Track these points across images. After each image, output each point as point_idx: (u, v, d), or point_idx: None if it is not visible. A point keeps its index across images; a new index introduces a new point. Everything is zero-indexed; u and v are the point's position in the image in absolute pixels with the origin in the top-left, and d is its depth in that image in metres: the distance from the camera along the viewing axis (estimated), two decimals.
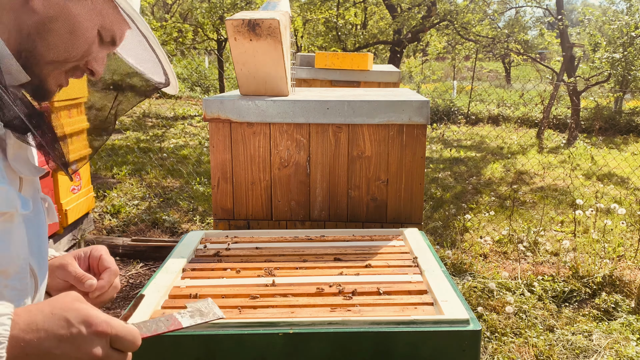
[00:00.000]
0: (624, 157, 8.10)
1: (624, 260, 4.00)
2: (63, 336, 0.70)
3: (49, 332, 0.70)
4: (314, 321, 1.07)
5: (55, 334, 0.70)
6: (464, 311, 1.10)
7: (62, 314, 0.72)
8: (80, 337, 0.71)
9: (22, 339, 0.68)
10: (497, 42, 12.04)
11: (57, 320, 0.71)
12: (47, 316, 0.71)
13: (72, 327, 0.71)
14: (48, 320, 0.71)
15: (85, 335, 0.71)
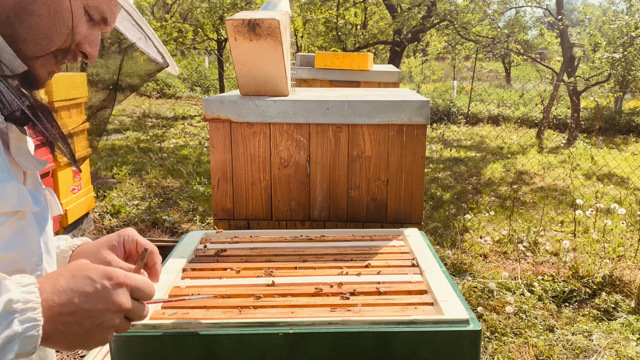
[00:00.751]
0: (624, 157, 8.10)
1: (624, 260, 4.00)
2: (90, 292, 0.74)
3: (75, 291, 0.73)
4: (314, 321, 1.07)
5: (82, 291, 0.73)
6: (464, 311, 1.10)
7: (83, 274, 0.76)
8: (105, 290, 0.75)
9: (53, 301, 0.71)
10: (497, 42, 12.03)
11: (81, 279, 0.75)
12: (70, 278, 0.75)
13: (96, 283, 0.75)
14: (72, 281, 0.74)
15: (109, 287, 0.75)
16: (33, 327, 0.67)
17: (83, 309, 0.73)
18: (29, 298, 0.68)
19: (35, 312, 0.67)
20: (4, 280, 0.67)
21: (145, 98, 13.68)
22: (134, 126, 9.90)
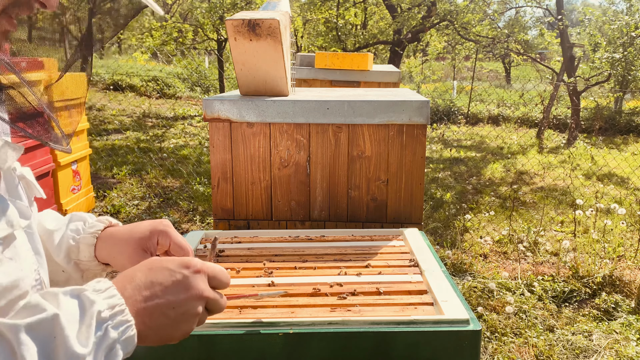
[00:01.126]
0: (624, 157, 8.10)
1: (624, 260, 4.00)
2: (170, 283, 0.74)
3: (156, 283, 0.73)
4: (314, 321, 1.07)
5: (163, 283, 0.73)
6: (464, 311, 1.10)
7: (161, 266, 0.75)
8: (185, 279, 0.75)
9: (136, 298, 0.71)
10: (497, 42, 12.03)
11: (158, 271, 0.74)
12: (147, 272, 0.74)
13: (176, 273, 0.75)
14: (150, 275, 0.74)
15: (188, 276, 0.75)
16: (127, 329, 0.67)
17: (166, 300, 0.72)
18: (113, 302, 0.67)
19: (124, 315, 0.67)
20: (83, 293, 0.66)
21: (145, 98, 13.68)
22: (134, 126, 9.90)
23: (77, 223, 0.99)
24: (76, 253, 0.96)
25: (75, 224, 0.99)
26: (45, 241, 0.97)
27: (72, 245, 0.96)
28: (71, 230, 0.97)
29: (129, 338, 0.67)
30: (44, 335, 0.60)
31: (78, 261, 0.97)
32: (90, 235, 0.97)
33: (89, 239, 0.97)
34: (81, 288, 0.67)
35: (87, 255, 0.96)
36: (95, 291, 0.67)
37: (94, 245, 0.97)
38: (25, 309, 0.62)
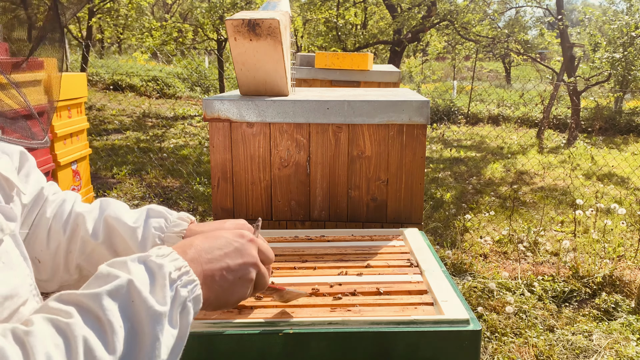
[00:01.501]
0: (624, 157, 8.10)
1: (624, 260, 4.00)
2: (228, 248, 0.79)
3: (215, 247, 0.78)
4: (314, 321, 1.07)
5: (223, 249, 0.79)
6: (464, 311, 1.10)
7: (217, 235, 0.81)
8: (242, 246, 0.81)
9: (199, 260, 0.75)
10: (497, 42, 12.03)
11: (217, 239, 0.80)
12: (205, 239, 0.79)
13: (234, 242, 0.81)
14: (208, 241, 0.79)
15: (245, 243, 0.81)
16: (195, 287, 0.71)
17: (225, 263, 0.77)
18: (179, 264, 0.70)
19: (189, 275, 0.70)
20: (149, 258, 0.69)
21: (145, 98, 13.68)
22: (134, 126, 9.90)
23: (159, 220, 1.01)
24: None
25: (157, 220, 1.01)
26: (128, 238, 0.98)
27: (158, 244, 0.98)
28: (155, 228, 1.00)
29: (197, 297, 0.71)
30: (123, 300, 0.62)
31: None
32: (176, 235, 1.00)
33: (174, 238, 1.00)
34: (146, 255, 0.69)
35: None
36: (159, 256, 0.70)
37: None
38: (97, 279, 0.64)
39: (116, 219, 0.99)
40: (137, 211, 1.03)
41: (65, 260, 0.99)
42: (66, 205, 1.01)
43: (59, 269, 0.99)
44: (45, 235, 0.98)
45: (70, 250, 0.98)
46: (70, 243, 0.99)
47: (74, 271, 1.00)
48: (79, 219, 1.00)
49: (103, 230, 0.99)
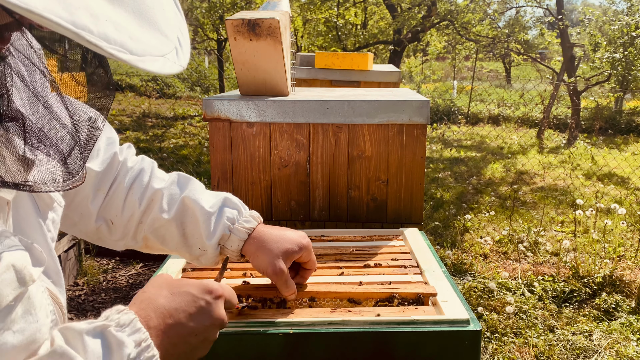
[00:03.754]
0: (624, 157, 8.10)
1: (624, 260, 3.99)
2: (194, 310, 0.74)
3: (179, 310, 0.73)
4: (314, 321, 1.07)
5: (188, 310, 0.73)
6: (464, 311, 1.10)
7: (183, 291, 0.75)
8: (209, 306, 0.76)
9: (160, 328, 0.70)
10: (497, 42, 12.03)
11: (182, 297, 0.74)
12: (170, 297, 0.74)
13: (200, 300, 0.75)
14: (173, 301, 0.73)
15: (211, 302, 0.76)
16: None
17: (189, 328, 0.73)
18: (139, 338, 0.66)
19: (149, 350, 0.66)
20: (107, 330, 0.64)
21: (145, 98, 13.68)
22: (134, 126, 9.90)
23: (232, 211, 1.05)
24: (225, 240, 1.04)
25: (231, 211, 1.05)
26: (201, 222, 1.02)
27: (225, 234, 1.03)
28: (227, 219, 1.04)
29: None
30: None
31: (224, 247, 1.04)
32: (245, 230, 1.04)
33: (243, 233, 1.04)
34: (104, 324, 0.65)
35: (235, 246, 1.04)
36: (119, 327, 0.66)
37: (244, 241, 1.03)
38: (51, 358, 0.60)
39: (194, 200, 1.03)
40: (214, 195, 1.07)
41: (136, 230, 1.05)
42: (144, 177, 1.05)
43: (128, 235, 1.06)
44: (121, 204, 1.03)
45: (142, 222, 1.05)
46: (143, 215, 1.05)
47: (140, 240, 1.07)
48: (156, 195, 1.04)
49: (177, 210, 1.04)
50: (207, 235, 1.03)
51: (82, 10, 0.44)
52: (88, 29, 0.44)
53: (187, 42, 0.59)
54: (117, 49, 0.46)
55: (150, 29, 0.53)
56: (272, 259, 1.02)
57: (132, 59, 0.48)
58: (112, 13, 0.48)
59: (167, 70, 0.53)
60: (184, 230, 1.04)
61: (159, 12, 0.55)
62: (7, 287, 0.58)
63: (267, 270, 1.03)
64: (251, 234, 1.04)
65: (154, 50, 0.52)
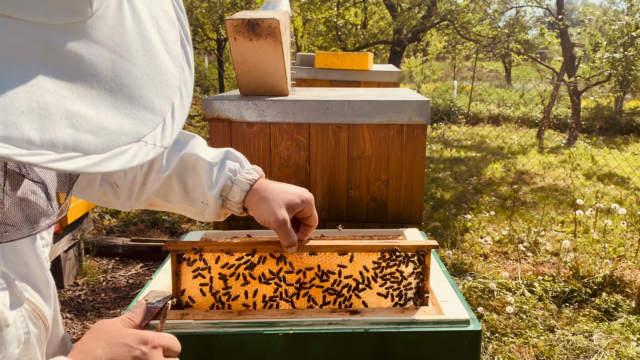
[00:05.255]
0: (624, 157, 8.09)
1: (625, 260, 3.99)
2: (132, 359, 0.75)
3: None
4: (314, 321, 1.07)
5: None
6: (464, 311, 1.10)
7: (120, 341, 0.76)
8: (144, 356, 0.76)
9: None
10: (497, 42, 12.03)
11: (118, 347, 0.76)
12: (107, 348, 0.75)
13: (135, 350, 0.76)
14: (110, 351, 0.75)
15: (147, 352, 0.77)
16: None
17: None
18: None
19: None
20: None
21: None
22: None
23: (234, 163, 1.07)
24: (227, 191, 1.06)
25: (233, 163, 1.07)
26: (203, 173, 1.04)
27: (227, 185, 1.05)
28: (229, 170, 1.06)
29: None
30: None
31: (226, 200, 1.06)
32: (247, 181, 1.06)
33: (245, 184, 1.05)
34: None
35: (237, 197, 1.05)
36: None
37: (246, 192, 1.05)
38: None
39: (194, 155, 1.05)
40: (215, 150, 1.09)
41: (139, 191, 1.07)
42: None
43: (132, 197, 1.08)
44: None
45: (145, 183, 1.07)
46: (145, 177, 1.07)
47: (143, 201, 1.09)
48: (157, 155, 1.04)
49: (176, 165, 1.05)
50: (209, 186, 1.04)
51: (26, 115, 0.39)
52: (27, 140, 0.39)
53: (186, 102, 0.54)
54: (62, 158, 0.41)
55: (131, 106, 0.47)
56: (275, 208, 1.03)
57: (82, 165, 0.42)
58: (77, 101, 0.43)
59: (136, 162, 0.47)
60: (185, 185, 1.06)
61: (152, 75, 0.50)
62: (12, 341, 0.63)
63: (269, 219, 1.04)
64: (253, 185, 1.06)
65: (125, 137, 0.46)
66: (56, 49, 0.42)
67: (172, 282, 1.14)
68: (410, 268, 1.13)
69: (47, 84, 0.41)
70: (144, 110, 0.49)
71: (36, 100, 0.40)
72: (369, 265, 1.13)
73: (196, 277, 1.13)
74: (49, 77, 0.41)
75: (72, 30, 0.43)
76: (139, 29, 0.49)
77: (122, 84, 0.47)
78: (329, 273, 1.13)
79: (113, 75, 0.46)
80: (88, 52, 0.44)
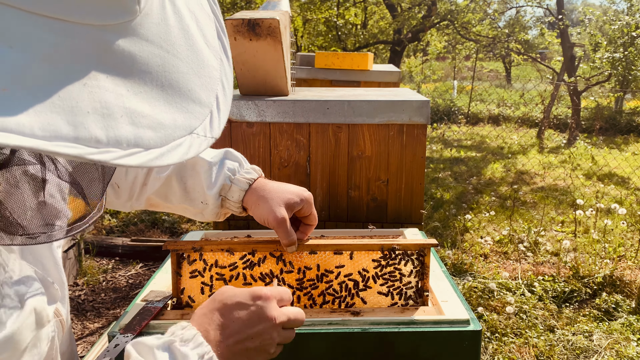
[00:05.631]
0: (624, 157, 8.09)
1: (625, 260, 3.99)
2: (247, 317, 0.78)
3: (234, 320, 0.77)
4: (314, 321, 1.07)
5: (240, 319, 0.78)
6: (464, 311, 1.10)
7: (234, 302, 0.79)
8: (260, 310, 0.79)
9: (220, 340, 0.75)
10: (497, 42, 12.03)
11: (234, 308, 0.79)
12: (224, 311, 0.78)
13: (251, 306, 0.79)
14: (227, 313, 0.78)
15: (263, 306, 0.79)
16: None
17: (246, 335, 0.77)
18: (202, 351, 0.72)
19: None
20: (173, 345, 0.70)
21: None
22: None
23: (234, 163, 1.08)
24: (226, 191, 1.07)
25: (232, 163, 1.08)
26: (202, 172, 1.05)
27: (226, 184, 1.06)
28: (228, 169, 1.07)
29: None
30: None
31: (225, 199, 1.07)
32: (246, 181, 1.07)
33: (244, 183, 1.06)
34: (170, 339, 0.71)
35: (236, 197, 1.06)
36: (183, 341, 0.72)
37: (245, 191, 1.06)
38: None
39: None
40: (215, 150, 1.10)
41: (140, 192, 1.09)
42: None
43: (133, 197, 1.09)
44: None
45: (146, 183, 1.08)
46: (146, 177, 1.08)
47: (144, 201, 1.10)
48: None
49: (175, 165, 1.05)
50: (208, 185, 1.05)
51: (91, 116, 0.41)
52: (95, 139, 0.41)
53: (228, 93, 0.55)
54: (127, 154, 0.43)
55: (181, 100, 0.49)
56: (274, 207, 1.03)
57: (145, 159, 0.44)
58: (134, 99, 0.44)
59: (192, 154, 0.49)
60: (185, 184, 1.07)
61: (196, 69, 0.52)
62: (27, 329, 0.65)
63: (269, 218, 1.04)
64: (252, 184, 1.07)
65: (180, 131, 0.48)
66: (110, 49, 0.43)
67: (172, 281, 1.14)
68: (409, 267, 1.13)
69: (106, 84, 0.42)
70: (192, 104, 0.50)
71: (98, 100, 0.41)
72: (368, 264, 1.13)
73: (196, 276, 1.13)
74: (107, 76, 0.43)
75: (123, 29, 0.44)
76: (181, 24, 0.51)
77: (172, 79, 0.48)
78: (328, 272, 1.13)
79: (163, 70, 0.48)
80: (139, 50, 0.45)
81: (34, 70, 0.38)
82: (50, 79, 0.39)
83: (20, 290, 0.66)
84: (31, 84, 0.38)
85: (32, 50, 0.38)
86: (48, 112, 0.38)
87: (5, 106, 0.36)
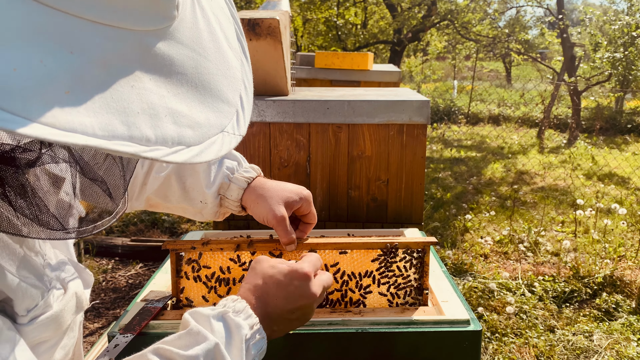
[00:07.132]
0: (624, 157, 8.09)
1: (625, 260, 3.99)
2: (286, 293, 0.82)
3: (276, 297, 0.81)
4: (313, 321, 1.07)
5: (280, 295, 0.82)
6: (465, 311, 1.09)
7: (275, 281, 0.83)
8: (299, 288, 0.83)
9: (266, 310, 0.80)
10: (497, 42, 12.03)
11: (274, 286, 0.82)
12: (268, 287, 0.82)
13: (289, 286, 0.82)
14: (273, 291, 0.82)
15: (302, 284, 0.83)
16: (263, 343, 0.78)
17: (287, 309, 0.82)
18: (252, 322, 0.76)
19: (260, 332, 0.77)
20: (227, 315, 0.75)
21: None
22: None
23: (232, 162, 1.09)
24: (225, 189, 1.08)
25: (231, 162, 1.09)
26: (201, 171, 1.06)
27: (225, 182, 1.07)
28: (227, 168, 1.08)
29: (263, 351, 0.79)
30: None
31: (224, 198, 1.08)
32: (244, 179, 1.07)
33: (242, 182, 1.07)
34: (224, 310, 0.76)
35: (234, 195, 1.07)
36: (236, 312, 0.77)
37: (243, 189, 1.07)
38: (189, 335, 0.71)
39: None
40: None
41: (140, 191, 1.09)
42: None
43: (132, 197, 1.09)
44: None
45: (145, 183, 1.08)
46: (146, 176, 1.08)
47: (143, 201, 1.11)
48: None
49: (173, 165, 1.06)
50: (207, 184, 1.06)
51: (141, 116, 0.44)
52: (145, 138, 0.44)
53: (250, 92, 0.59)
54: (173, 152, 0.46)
55: (212, 100, 0.52)
56: (273, 206, 1.04)
57: (188, 156, 0.47)
58: (173, 99, 0.48)
59: (224, 150, 0.52)
60: (184, 183, 1.08)
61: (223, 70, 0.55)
62: (69, 313, 0.70)
63: (268, 216, 1.04)
64: (251, 183, 1.08)
65: (213, 129, 0.52)
66: (152, 53, 0.46)
67: (172, 281, 1.14)
68: (409, 265, 1.13)
69: (150, 85, 0.46)
70: (222, 103, 0.54)
71: (145, 101, 0.45)
72: (368, 263, 1.13)
73: (196, 276, 1.13)
74: (150, 78, 0.46)
75: (162, 34, 0.48)
76: (209, 27, 0.54)
77: (204, 80, 0.52)
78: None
79: (196, 72, 0.51)
80: (176, 53, 0.49)
81: (91, 74, 0.41)
82: (104, 81, 0.42)
83: (60, 275, 0.71)
84: (89, 86, 0.41)
85: (88, 55, 0.41)
86: (105, 113, 0.41)
87: (69, 108, 0.39)
